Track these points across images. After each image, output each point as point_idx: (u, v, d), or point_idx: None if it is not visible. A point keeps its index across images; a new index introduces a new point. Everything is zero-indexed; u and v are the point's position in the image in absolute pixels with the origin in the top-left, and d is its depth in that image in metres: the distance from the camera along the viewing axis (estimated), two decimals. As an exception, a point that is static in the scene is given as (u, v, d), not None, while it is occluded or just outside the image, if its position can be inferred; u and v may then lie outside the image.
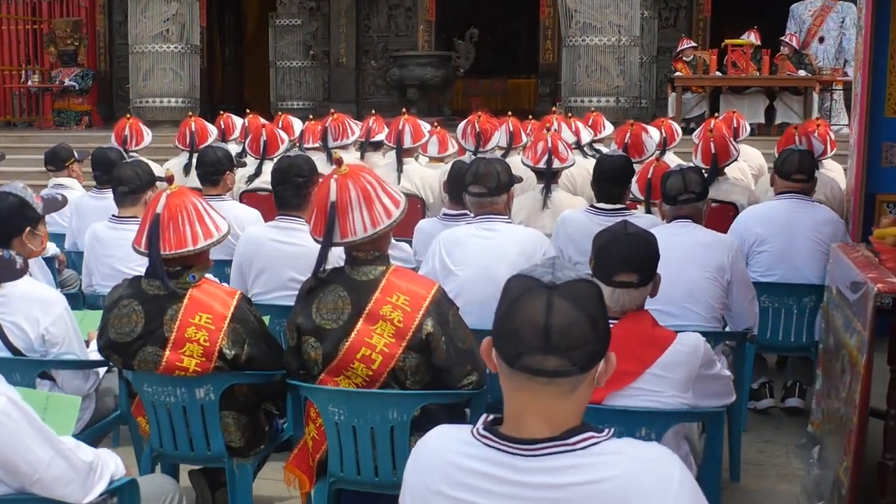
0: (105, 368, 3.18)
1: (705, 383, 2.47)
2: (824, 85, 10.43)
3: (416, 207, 5.77)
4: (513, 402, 1.51)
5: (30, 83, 14.29)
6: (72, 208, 5.06)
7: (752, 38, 10.49)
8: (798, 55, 10.38)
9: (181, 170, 6.42)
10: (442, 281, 3.29)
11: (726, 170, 5.26)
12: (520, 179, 3.81)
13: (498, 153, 6.12)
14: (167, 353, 2.73)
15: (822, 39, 10.78)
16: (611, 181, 3.99)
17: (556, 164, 4.68)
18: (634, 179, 4.22)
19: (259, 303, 3.59)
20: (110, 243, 3.93)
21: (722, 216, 5.04)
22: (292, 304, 3.56)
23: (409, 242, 4.48)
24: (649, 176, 4.25)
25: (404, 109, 6.24)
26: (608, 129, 6.90)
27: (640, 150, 5.33)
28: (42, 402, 2.44)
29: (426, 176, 5.86)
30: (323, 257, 2.60)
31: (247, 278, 3.67)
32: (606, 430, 1.51)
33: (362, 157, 6.49)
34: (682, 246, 3.25)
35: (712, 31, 13.53)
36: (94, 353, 3.10)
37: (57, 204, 3.31)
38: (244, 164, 5.42)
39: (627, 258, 2.39)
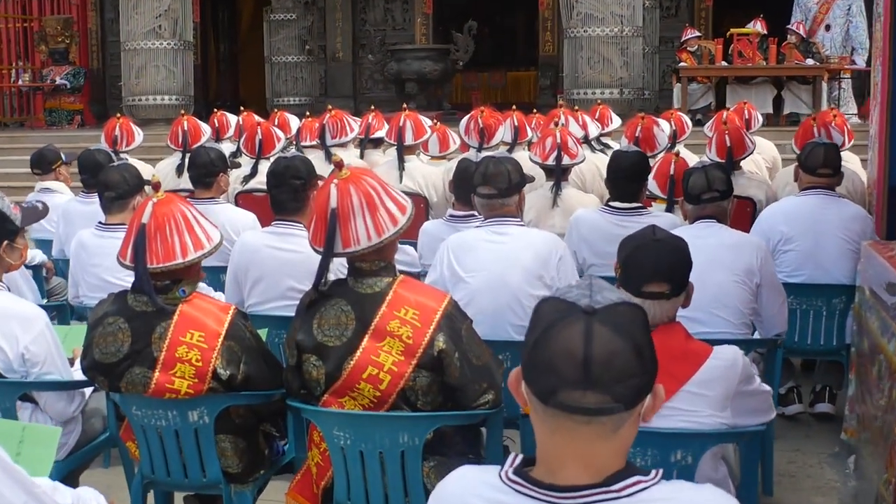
0: (91, 388, 2.97)
1: (744, 400, 2.27)
2: (832, 74, 10.20)
3: (420, 207, 5.56)
4: (547, 443, 1.31)
5: (20, 82, 14.06)
6: (59, 213, 4.85)
7: (758, 26, 10.24)
8: (805, 44, 10.15)
9: (174, 171, 6.20)
10: (451, 289, 3.09)
11: (741, 163, 5.04)
12: (531, 179, 3.59)
13: (503, 149, 5.91)
14: (156, 374, 2.52)
15: (828, 27, 10.53)
16: (627, 178, 3.77)
17: (566, 160, 4.47)
18: (652, 176, 4.01)
19: (256, 314, 3.39)
20: (97, 252, 3.71)
21: (739, 212, 4.82)
22: (291, 314, 3.37)
23: (414, 245, 4.28)
24: (671, 172, 4.03)
25: (405, 105, 6.02)
26: (616, 122, 6.68)
27: (651, 144, 5.11)
28: (18, 435, 2.23)
29: (429, 174, 5.64)
30: (324, 269, 2.39)
31: (242, 287, 3.46)
32: (654, 473, 1.31)
33: (362, 155, 6.28)
34: (707, 248, 3.03)
35: (714, 21, 13.31)
36: (78, 373, 2.88)
37: (37, 214, 3.09)
38: (239, 165, 5.20)
39: (657, 267, 2.18)
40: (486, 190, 3.10)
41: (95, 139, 11.48)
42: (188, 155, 6.08)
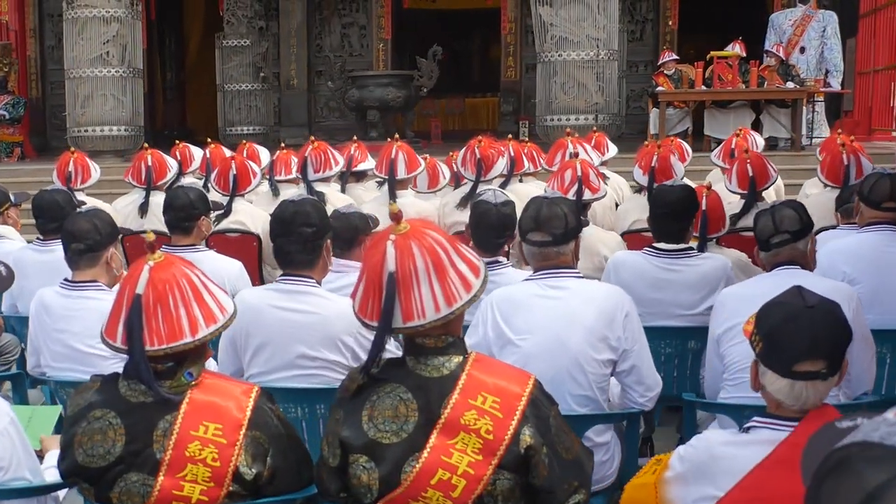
0: (66, 489, 2.42)
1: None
2: (808, 97, 10.04)
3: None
4: None
5: (-45, 113, 13.24)
6: (10, 262, 4.25)
7: (737, 49, 10.02)
8: (785, 66, 9.96)
9: (136, 210, 5.65)
10: (498, 353, 2.63)
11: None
12: (587, 223, 3.15)
13: (497, 181, 5.49)
14: (160, 479, 2.00)
15: (802, 49, 10.38)
16: (673, 216, 3.35)
17: (587, 194, 4.04)
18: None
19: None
20: (63, 315, 3.15)
21: (764, 246, 4.47)
22: (301, 385, 2.89)
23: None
24: (703, 208, 3.63)
25: (396, 135, 5.56)
26: (612, 150, 6.31)
27: (668, 174, 4.70)
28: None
29: (423, 210, 5.17)
30: (379, 349, 1.91)
31: (242, 354, 2.94)
32: None
33: (343, 189, 5.80)
34: (792, 300, 2.62)
35: (679, 44, 13.15)
36: (51, 472, 2.34)
37: (2, 283, 2.52)
38: (221, 206, 4.66)
39: (814, 340, 1.75)
40: (539, 236, 2.63)
41: (38, 173, 10.83)
42: (152, 192, 5.57)
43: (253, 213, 5.32)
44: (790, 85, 9.67)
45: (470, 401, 1.89)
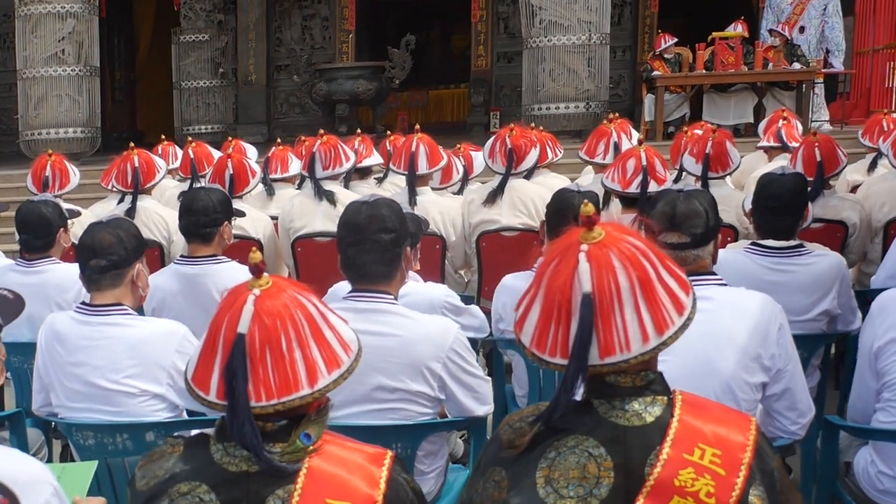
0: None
1: None
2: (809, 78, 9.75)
3: (435, 248, 4.65)
4: None
5: None
6: (-10, 282, 3.70)
7: (739, 29, 9.68)
8: (790, 46, 9.65)
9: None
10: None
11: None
12: (722, 222, 2.74)
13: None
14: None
15: (802, 29, 10.09)
16: (783, 210, 2.94)
17: (653, 187, 3.63)
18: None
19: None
20: (81, 346, 2.64)
21: (829, 237, 4.14)
22: (378, 423, 2.44)
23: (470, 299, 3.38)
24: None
25: (417, 127, 5.08)
26: (633, 136, 5.92)
27: (724, 162, 4.33)
28: None
29: (446, 208, 4.72)
30: (569, 393, 1.47)
31: (302, 387, 2.46)
32: None
33: (346, 187, 5.33)
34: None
35: (659, 29, 12.87)
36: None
37: (12, 308, 2.01)
38: (243, 214, 4.14)
39: None
40: (675, 238, 2.21)
41: (-10, 180, 10.11)
42: (141, 198, 5.03)
43: (253, 217, 4.82)
44: (796, 66, 9.37)
45: (685, 455, 1.46)
